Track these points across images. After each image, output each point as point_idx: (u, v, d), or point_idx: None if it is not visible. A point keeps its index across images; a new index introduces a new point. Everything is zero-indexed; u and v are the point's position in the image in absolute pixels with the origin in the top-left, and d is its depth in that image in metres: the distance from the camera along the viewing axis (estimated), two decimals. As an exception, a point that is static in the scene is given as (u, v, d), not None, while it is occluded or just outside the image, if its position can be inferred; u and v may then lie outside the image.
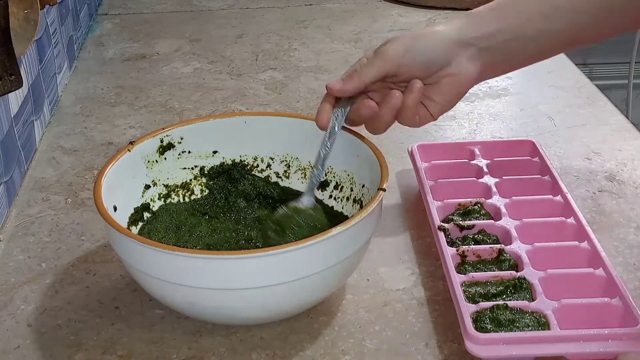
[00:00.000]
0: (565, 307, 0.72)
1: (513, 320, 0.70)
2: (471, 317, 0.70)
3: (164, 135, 0.85)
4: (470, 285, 0.75)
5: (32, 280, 0.83)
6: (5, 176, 0.93)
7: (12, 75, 0.80)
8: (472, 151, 0.97)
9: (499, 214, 0.86)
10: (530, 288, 0.74)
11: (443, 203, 0.87)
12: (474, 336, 0.68)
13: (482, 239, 0.82)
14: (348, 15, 1.57)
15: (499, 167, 0.93)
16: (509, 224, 0.83)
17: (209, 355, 0.73)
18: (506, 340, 0.68)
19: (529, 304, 0.72)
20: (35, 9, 0.86)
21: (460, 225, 0.84)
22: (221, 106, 1.20)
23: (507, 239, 0.82)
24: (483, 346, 0.68)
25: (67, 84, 1.28)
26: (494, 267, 0.79)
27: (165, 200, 0.86)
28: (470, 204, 0.87)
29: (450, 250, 0.80)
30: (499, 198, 0.88)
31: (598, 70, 2.48)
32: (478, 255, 0.80)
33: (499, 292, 0.74)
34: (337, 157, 0.87)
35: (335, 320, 0.76)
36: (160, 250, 0.68)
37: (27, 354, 0.73)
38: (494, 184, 0.90)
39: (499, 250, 0.80)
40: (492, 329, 0.70)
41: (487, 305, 0.72)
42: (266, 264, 0.67)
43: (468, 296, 0.74)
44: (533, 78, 1.27)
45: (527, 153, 0.97)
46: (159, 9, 1.63)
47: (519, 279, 0.75)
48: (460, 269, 0.78)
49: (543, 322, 0.70)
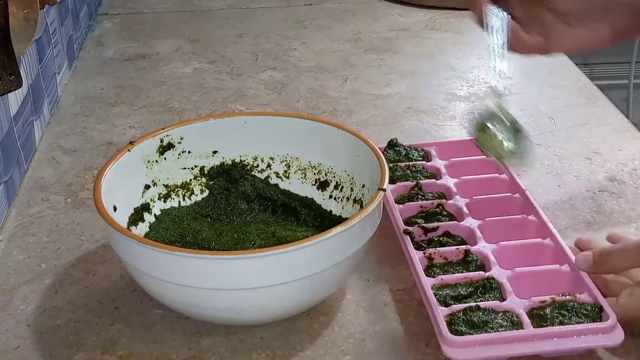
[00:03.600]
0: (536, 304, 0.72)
1: (486, 321, 0.70)
2: (445, 320, 0.70)
3: (164, 135, 0.85)
4: (440, 288, 0.75)
5: (32, 280, 0.83)
6: (4, 176, 0.93)
7: (11, 75, 0.79)
8: (428, 152, 0.97)
9: (461, 214, 0.85)
10: (499, 287, 0.75)
11: (404, 206, 0.87)
12: (450, 339, 0.68)
13: (447, 240, 0.82)
14: (348, 15, 1.57)
15: (456, 168, 0.93)
16: (472, 224, 0.83)
17: (209, 355, 0.73)
18: (482, 341, 0.68)
19: (500, 303, 0.72)
20: (35, 8, 0.86)
21: (424, 227, 0.83)
22: (221, 106, 1.20)
23: (472, 239, 0.82)
24: (459, 349, 0.68)
25: (66, 84, 1.28)
26: (461, 269, 0.79)
27: (165, 200, 0.86)
28: (432, 206, 0.87)
29: (418, 253, 0.79)
30: (459, 198, 0.88)
31: (598, 70, 2.48)
32: (445, 257, 0.80)
33: (469, 293, 0.74)
34: (337, 157, 0.87)
35: (335, 320, 0.76)
36: (161, 250, 0.67)
37: (26, 354, 0.73)
38: (453, 185, 0.90)
39: (465, 251, 0.80)
40: (466, 331, 0.70)
41: (460, 307, 0.72)
42: (267, 263, 0.67)
43: (439, 299, 0.74)
44: (533, 78, 1.27)
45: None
46: (159, 8, 1.63)
47: (487, 279, 0.75)
48: (429, 272, 0.78)
49: (516, 321, 0.70)
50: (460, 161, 0.94)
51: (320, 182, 0.89)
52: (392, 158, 0.95)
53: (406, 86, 1.26)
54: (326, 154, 0.88)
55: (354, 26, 1.51)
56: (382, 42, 1.43)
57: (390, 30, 1.48)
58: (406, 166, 0.94)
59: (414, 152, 0.97)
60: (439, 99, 1.21)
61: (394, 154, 0.96)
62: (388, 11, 1.58)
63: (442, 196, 0.89)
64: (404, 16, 1.56)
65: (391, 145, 0.97)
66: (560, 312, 0.71)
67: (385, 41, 1.44)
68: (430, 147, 0.97)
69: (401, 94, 1.23)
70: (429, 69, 1.32)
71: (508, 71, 0.77)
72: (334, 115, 1.16)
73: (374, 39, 1.45)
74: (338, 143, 0.86)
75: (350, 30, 1.49)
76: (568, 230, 0.89)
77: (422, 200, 0.88)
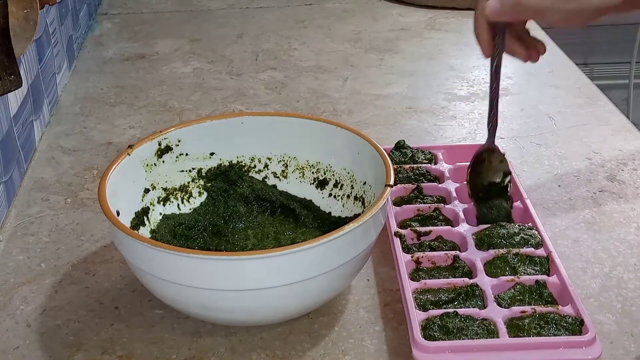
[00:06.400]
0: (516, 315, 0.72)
1: (462, 328, 0.70)
2: (420, 324, 0.70)
3: (162, 137, 0.85)
4: (422, 292, 0.75)
5: (32, 280, 0.83)
6: (4, 176, 0.93)
7: (11, 75, 0.79)
8: (435, 155, 0.96)
9: (457, 219, 0.85)
10: (482, 295, 0.74)
11: (401, 209, 0.87)
12: (421, 344, 0.68)
13: (438, 245, 0.82)
14: (348, 15, 1.57)
15: (461, 172, 0.90)
16: (466, 231, 0.83)
17: (209, 355, 0.73)
18: (453, 348, 0.68)
19: (480, 311, 0.72)
20: (35, 8, 0.86)
21: (416, 231, 0.83)
22: (221, 106, 1.20)
23: (464, 245, 0.81)
24: (430, 354, 0.67)
25: (66, 84, 1.28)
26: (448, 274, 0.78)
27: (164, 203, 0.86)
28: (429, 210, 0.87)
29: (405, 256, 0.79)
30: (458, 203, 0.87)
31: (598, 70, 2.48)
32: (433, 262, 0.80)
33: (450, 299, 0.74)
34: (336, 155, 0.87)
35: (335, 320, 0.76)
36: (171, 252, 0.67)
37: (26, 354, 0.73)
38: (454, 189, 0.89)
39: (454, 257, 0.79)
40: (440, 337, 0.69)
41: (437, 313, 0.71)
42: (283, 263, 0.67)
43: (419, 303, 0.74)
44: (533, 78, 1.27)
45: None
46: (159, 8, 1.63)
47: (471, 286, 0.75)
48: (414, 276, 0.78)
49: (492, 330, 0.70)
50: (466, 166, 0.92)
51: (319, 181, 0.89)
52: (397, 160, 0.95)
53: (406, 86, 1.26)
54: (324, 153, 0.88)
55: (354, 26, 1.51)
56: (382, 42, 1.43)
57: (390, 30, 1.48)
58: (410, 168, 0.93)
59: (420, 155, 0.96)
60: (439, 99, 1.21)
61: (400, 155, 0.96)
62: (388, 11, 1.58)
63: (442, 200, 0.89)
64: (404, 16, 1.56)
65: (398, 147, 0.97)
66: (539, 324, 0.70)
67: (385, 41, 1.44)
68: (438, 151, 0.97)
69: (401, 94, 1.23)
70: (429, 69, 1.32)
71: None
72: (334, 115, 1.16)
73: (374, 39, 1.45)
74: (336, 141, 0.86)
75: (350, 30, 1.49)
76: (568, 230, 0.89)
77: (420, 203, 0.88)
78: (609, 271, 0.82)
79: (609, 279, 0.81)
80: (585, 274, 0.82)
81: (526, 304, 0.73)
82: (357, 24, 1.52)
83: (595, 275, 0.81)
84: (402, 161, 0.95)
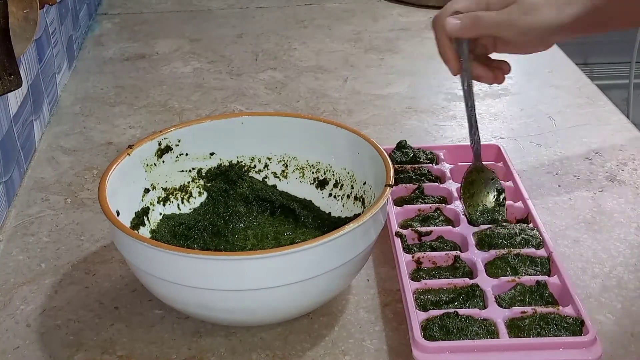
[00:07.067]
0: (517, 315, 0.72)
1: (462, 329, 0.70)
2: (421, 324, 0.70)
3: (162, 137, 0.85)
4: (422, 292, 0.75)
5: (32, 280, 0.83)
6: (4, 176, 0.93)
7: (11, 75, 0.79)
8: (437, 155, 0.96)
9: (458, 220, 0.85)
10: (482, 296, 0.74)
11: (403, 209, 0.87)
12: (421, 344, 0.68)
13: (439, 245, 0.82)
14: (348, 15, 1.57)
15: (462, 173, 0.90)
16: (466, 231, 0.83)
17: (209, 355, 0.73)
18: (453, 348, 0.68)
19: (480, 312, 0.72)
20: (35, 8, 0.86)
21: (417, 231, 0.83)
22: (221, 106, 1.20)
23: (465, 245, 0.81)
24: (430, 354, 0.67)
25: (66, 84, 1.28)
26: (449, 274, 0.78)
27: (164, 204, 0.86)
28: (430, 210, 0.86)
29: (406, 256, 0.79)
30: (459, 203, 0.87)
31: (599, 70, 2.48)
32: (434, 262, 0.80)
33: (451, 299, 0.74)
34: (336, 155, 0.87)
35: (335, 320, 0.76)
36: (171, 252, 0.67)
37: (26, 354, 0.73)
38: (455, 190, 0.89)
39: (454, 257, 0.79)
40: (440, 337, 0.69)
41: (437, 313, 0.71)
42: (284, 262, 0.67)
43: (420, 303, 0.74)
44: (533, 78, 1.27)
45: (492, 157, 0.96)
46: (159, 8, 1.63)
47: (471, 287, 0.75)
48: (415, 276, 0.78)
49: (492, 331, 0.70)
50: (466, 166, 0.92)
51: (318, 181, 0.89)
52: (398, 160, 0.95)
53: (406, 86, 1.26)
54: (324, 153, 0.88)
55: (354, 26, 1.51)
56: (382, 42, 1.43)
57: (390, 30, 1.48)
58: (411, 168, 0.93)
59: (421, 155, 0.96)
60: (439, 99, 1.21)
61: (401, 155, 0.96)
62: (388, 11, 1.58)
63: (443, 200, 0.89)
64: (404, 16, 1.55)
65: (399, 147, 0.97)
66: (539, 324, 0.70)
67: (385, 41, 1.44)
68: (439, 151, 0.97)
69: (401, 94, 1.23)
70: (429, 69, 1.32)
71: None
72: (334, 115, 1.16)
73: (374, 39, 1.44)
74: (336, 141, 0.86)
75: (350, 30, 1.49)
76: (568, 230, 0.89)
77: (421, 203, 0.88)
78: (609, 271, 0.82)
79: (609, 279, 0.81)
80: (585, 274, 0.82)
81: (527, 305, 0.73)
82: (357, 24, 1.52)
83: (596, 275, 0.81)
84: (404, 161, 0.95)
